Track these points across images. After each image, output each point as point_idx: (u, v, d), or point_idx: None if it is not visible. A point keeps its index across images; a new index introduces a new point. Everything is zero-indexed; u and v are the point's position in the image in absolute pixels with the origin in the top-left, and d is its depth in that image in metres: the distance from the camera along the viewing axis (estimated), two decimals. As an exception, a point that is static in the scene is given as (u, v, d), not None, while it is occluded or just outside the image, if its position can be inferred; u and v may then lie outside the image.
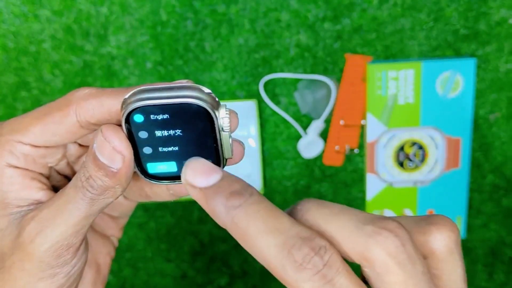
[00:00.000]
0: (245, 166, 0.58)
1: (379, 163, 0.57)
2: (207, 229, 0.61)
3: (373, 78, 0.54)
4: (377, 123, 0.55)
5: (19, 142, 0.26)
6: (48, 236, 0.25)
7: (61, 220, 0.25)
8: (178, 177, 0.25)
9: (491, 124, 0.57)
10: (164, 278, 0.63)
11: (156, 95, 0.23)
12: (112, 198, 0.25)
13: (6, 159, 0.26)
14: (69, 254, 0.26)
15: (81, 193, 0.24)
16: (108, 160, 0.24)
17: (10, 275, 0.26)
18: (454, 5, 0.53)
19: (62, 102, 0.26)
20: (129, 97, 0.23)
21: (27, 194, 0.26)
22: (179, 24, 0.54)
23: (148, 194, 0.28)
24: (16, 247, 0.25)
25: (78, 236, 0.26)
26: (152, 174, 0.25)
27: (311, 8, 0.53)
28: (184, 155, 0.24)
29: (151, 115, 0.23)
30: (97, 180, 0.24)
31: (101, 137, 0.24)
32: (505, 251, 0.61)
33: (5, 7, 0.53)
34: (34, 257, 0.25)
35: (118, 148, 0.24)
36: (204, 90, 0.23)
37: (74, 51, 0.54)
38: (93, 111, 0.25)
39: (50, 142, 0.26)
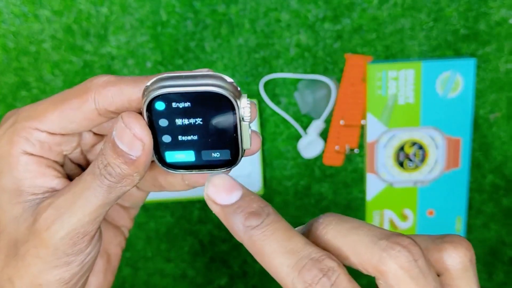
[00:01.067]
0: (245, 166, 0.58)
1: (379, 163, 0.57)
2: (207, 229, 0.61)
3: (373, 78, 0.54)
4: (377, 123, 0.55)
5: (36, 129, 0.26)
6: (64, 223, 0.25)
7: (78, 207, 0.25)
8: (195, 166, 0.25)
9: (491, 124, 0.57)
10: (164, 278, 0.63)
11: (178, 83, 0.23)
12: (130, 186, 0.25)
13: (22, 146, 0.26)
14: (84, 242, 0.25)
15: (99, 181, 0.24)
16: (128, 147, 0.23)
17: (24, 262, 0.25)
18: (454, 5, 0.53)
19: (81, 89, 0.25)
20: (151, 84, 0.23)
21: (42, 182, 0.26)
22: (179, 24, 0.54)
23: (162, 184, 0.28)
24: (31, 234, 0.25)
25: (94, 224, 0.25)
26: (170, 163, 0.25)
27: (311, 8, 0.53)
28: (203, 145, 0.24)
29: (172, 102, 0.23)
30: (116, 168, 0.24)
31: (122, 123, 0.23)
32: (505, 251, 0.61)
33: (5, 7, 0.53)
34: (50, 244, 0.25)
35: (139, 135, 0.23)
36: (227, 79, 0.23)
37: (74, 51, 0.54)
38: (112, 98, 0.25)
39: (67, 129, 0.26)
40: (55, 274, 0.25)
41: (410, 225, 0.59)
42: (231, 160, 0.25)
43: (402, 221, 0.59)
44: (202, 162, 0.25)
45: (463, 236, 0.60)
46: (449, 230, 0.59)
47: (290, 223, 0.66)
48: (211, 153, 0.25)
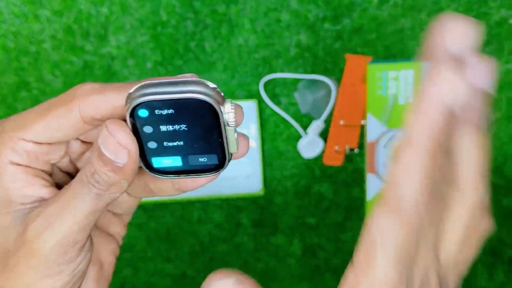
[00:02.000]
0: (245, 166, 0.58)
1: (379, 163, 0.57)
2: (207, 229, 0.61)
3: (373, 78, 0.54)
4: (377, 123, 0.55)
5: (22, 139, 0.26)
6: (54, 232, 0.25)
7: (67, 216, 0.25)
8: (183, 171, 0.25)
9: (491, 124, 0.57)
10: (164, 278, 0.63)
11: (161, 90, 0.23)
12: (118, 193, 0.25)
13: (9, 157, 0.26)
14: (74, 251, 0.25)
15: (87, 189, 0.24)
16: (114, 155, 0.24)
17: (15, 273, 0.25)
18: (454, 5, 0.53)
19: (65, 98, 0.25)
20: (134, 92, 0.23)
21: (30, 191, 0.26)
22: (179, 24, 0.54)
23: (152, 189, 0.28)
24: (21, 244, 0.25)
25: (84, 233, 0.25)
26: (157, 168, 0.25)
27: (311, 8, 0.53)
28: (189, 150, 0.24)
29: (155, 110, 0.23)
30: (103, 176, 0.24)
31: (106, 131, 0.24)
32: (505, 251, 0.61)
33: (5, 7, 0.53)
34: (40, 254, 0.25)
35: (123, 142, 0.23)
36: (209, 85, 0.23)
37: (74, 51, 0.54)
38: (97, 106, 0.25)
39: (53, 138, 0.26)
40: (47, 284, 0.25)
41: (410, 225, 0.59)
42: (218, 165, 0.25)
43: (402, 221, 0.59)
44: (190, 167, 0.25)
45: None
46: (449, 230, 0.59)
47: (290, 223, 0.66)
48: (198, 158, 0.25)
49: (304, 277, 0.63)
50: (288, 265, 0.63)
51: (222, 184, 0.58)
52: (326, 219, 0.61)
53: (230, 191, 0.58)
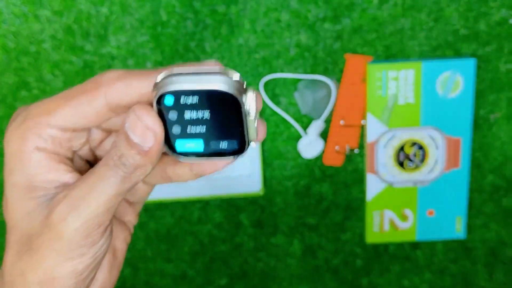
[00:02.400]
0: (245, 166, 0.58)
1: (379, 163, 0.57)
2: (207, 229, 0.61)
3: (373, 78, 0.54)
4: (377, 123, 0.55)
5: (48, 125, 0.26)
6: (79, 214, 0.25)
7: (92, 198, 0.25)
8: (204, 154, 0.26)
9: (491, 124, 0.57)
10: (164, 278, 0.63)
11: (186, 80, 0.24)
12: (143, 175, 0.26)
13: (34, 142, 0.26)
14: (98, 234, 0.26)
15: (113, 171, 0.25)
16: (141, 139, 0.24)
17: (38, 256, 0.26)
18: (454, 5, 0.53)
19: (91, 85, 0.26)
20: (161, 80, 0.24)
21: (54, 177, 0.27)
22: (179, 24, 0.54)
23: (170, 176, 0.29)
24: (46, 227, 0.26)
25: (108, 215, 0.26)
26: (180, 152, 0.26)
27: (311, 8, 0.53)
28: (211, 135, 0.26)
29: (181, 98, 0.24)
30: (129, 159, 0.25)
31: (134, 116, 0.24)
32: (505, 251, 0.61)
33: (5, 7, 0.53)
34: (64, 236, 0.25)
35: (151, 126, 0.24)
36: (233, 77, 0.24)
37: (74, 51, 0.54)
38: (122, 93, 0.25)
39: (78, 124, 0.26)
40: (69, 266, 0.26)
41: (410, 225, 0.59)
42: (238, 150, 0.26)
43: (402, 221, 0.59)
44: (211, 151, 0.26)
45: (463, 236, 0.60)
46: (449, 230, 0.59)
47: (290, 223, 0.66)
48: (219, 143, 0.26)
49: (304, 277, 0.63)
50: (288, 265, 0.63)
51: (222, 184, 0.58)
52: (326, 219, 0.61)
53: (230, 191, 0.58)
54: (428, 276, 0.63)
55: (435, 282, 0.63)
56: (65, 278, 0.26)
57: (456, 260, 0.62)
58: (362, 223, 0.61)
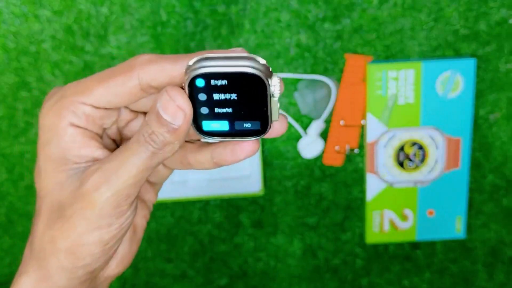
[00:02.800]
0: (245, 166, 0.58)
1: (379, 163, 0.57)
2: (207, 229, 0.61)
3: (373, 78, 0.54)
4: (377, 123, 0.55)
5: (82, 103, 0.28)
6: (112, 185, 0.27)
7: (124, 170, 0.27)
8: (228, 134, 0.28)
9: (491, 124, 0.57)
10: (164, 278, 0.63)
11: (217, 64, 0.26)
12: (170, 153, 0.27)
13: (69, 119, 0.28)
14: (126, 205, 0.28)
15: (144, 147, 0.27)
16: (171, 117, 0.26)
17: (69, 223, 0.28)
18: (454, 5, 0.53)
19: (125, 67, 0.28)
20: (194, 64, 0.26)
21: (86, 152, 0.29)
22: (179, 24, 0.54)
23: (190, 162, 0.31)
24: (78, 197, 0.28)
25: (136, 188, 0.28)
26: (206, 131, 0.28)
27: (311, 8, 0.53)
28: (236, 116, 0.27)
29: (211, 80, 0.26)
30: (159, 136, 0.26)
31: (167, 96, 0.26)
32: (505, 251, 0.61)
33: (5, 7, 0.53)
34: (96, 205, 0.27)
35: (182, 106, 0.26)
36: (260, 61, 0.26)
37: (74, 51, 0.54)
38: (154, 75, 0.27)
39: (111, 103, 0.28)
40: (97, 235, 0.28)
41: (410, 225, 0.59)
42: (260, 130, 0.28)
43: (402, 221, 0.59)
44: (235, 131, 0.28)
45: (463, 236, 0.60)
46: (449, 230, 0.59)
47: (291, 223, 0.66)
48: (243, 124, 0.28)
49: (304, 277, 0.63)
50: (288, 265, 0.63)
51: (222, 184, 0.58)
52: (326, 219, 0.61)
53: (230, 191, 0.58)
54: (428, 276, 0.63)
55: (435, 282, 0.63)
56: (92, 245, 0.28)
57: (456, 260, 0.62)
58: (362, 223, 0.61)
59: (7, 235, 0.61)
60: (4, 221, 0.60)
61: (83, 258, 0.28)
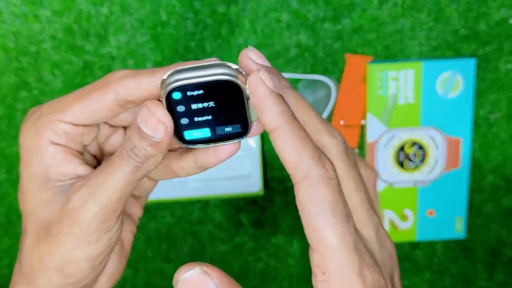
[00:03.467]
0: (245, 166, 0.58)
1: (379, 163, 0.57)
2: (207, 229, 0.61)
3: (373, 78, 0.54)
4: (377, 123, 0.55)
5: (61, 121, 0.28)
6: (97, 200, 0.27)
7: (109, 185, 0.27)
8: (211, 140, 0.29)
9: (491, 124, 0.57)
10: (164, 279, 0.63)
11: (191, 75, 0.26)
12: (154, 165, 0.28)
13: (49, 137, 0.28)
14: (113, 219, 0.28)
15: (127, 161, 0.27)
16: (152, 131, 0.26)
17: (57, 240, 0.28)
18: (454, 5, 0.53)
19: (101, 83, 0.28)
20: (168, 78, 0.26)
21: (68, 169, 0.29)
22: (179, 24, 0.54)
23: (174, 169, 0.31)
24: (64, 214, 0.28)
25: (122, 202, 0.28)
26: (189, 140, 0.28)
27: (311, 8, 0.53)
28: (217, 122, 0.28)
29: (188, 92, 0.26)
30: (142, 150, 0.27)
31: (146, 110, 0.26)
32: (505, 251, 0.61)
33: (5, 7, 0.53)
34: (83, 221, 0.27)
35: (162, 119, 0.26)
36: (232, 67, 0.26)
37: (74, 51, 0.54)
38: (131, 89, 0.27)
39: (89, 120, 0.29)
40: (86, 251, 0.28)
41: (410, 225, 0.59)
42: (241, 132, 0.28)
43: (402, 221, 0.59)
44: (217, 136, 0.28)
45: (463, 236, 0.60)
46: (449, 230, 0.59)
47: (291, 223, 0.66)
48: (224, 128, 0.28)
49: (304, 277, 0.63)
50: (288, 265, 0.63)
51: (222, 184, 0.58)
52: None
53: (230, 191, 0.58)
54: (428, 276, 0.63)
55: (435, 282, 0.63)
56: (81, 262, 0.28)
57: (456, 260, 0.62)
58: (362, 223, 0.61)
59: (7, 236, 0.61)
60: (3, 222, 0.60)
61: (73, 275, 0.28)
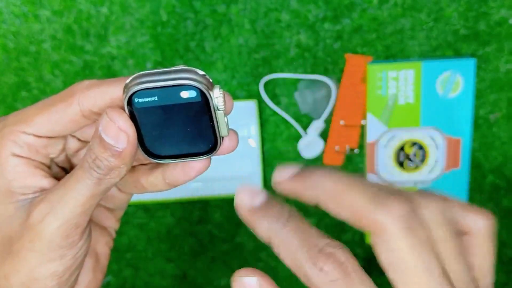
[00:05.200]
0: (245, 166, 0.58)
1: (379, 163, 0.57)
2: (207, 229, 0.61)
3: (373, 78, 0.54)
4: (377, 123, 0.55)
5: (23, 132, 0.27)
6: (58, 214, 0.26)
7: (69, 199, 0.26)
8: (178, 155, 0.27)
9: (491, 124, 0.57)
10: (164, 279, 0.63)
11: (154, 79, 0.24)
12: (118, 178, 0.26)
13: (10, 149, 0.27)
14: (76, 234, 0.27)
15: (89, 173, 0.26)
16: (114, 140, 0.25)
17: (19, 258, 0.27)
18: (454, 5, 0.53)
19: (65, 94, 0.27)
20: (130, 82, 0.25)
21: (31, 182, 0.27)
22: (179, 24, 0.54)
23: (143, 185, 0.29)
24: (25, 229, 0.26)
25: (85, 216, 0.27)
26: (154, 154, 0.27)
27: (311, 8, 0.53)
28: (183, 135, 0.26)
29: (150, 98, 0.25)
30: (104, 161, 0.25)
31: (107, 118, 0.25)
32: (505, 251, 0.61)
33: (5, 7, 0.53)
34: (44, 237, 0.26)
35: (123, 127, 0.25)
36: (199, 72, 0.25)
37: (74, 51, 0.54)
38: (95, 99, 0.26)
39: (53, 132, 0.27)
40: (50, 268, 0.27)
41: (410, 225, 0.59)
42: (211, 148, 0.26)
43: (402, 221, 0.59)
44: (185, 151, 0.26)
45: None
46: (449, 230, 0.59)
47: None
48: (191, 143, 0.26)
49: (304, 277, 0.63)
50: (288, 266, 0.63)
51: (222, 184, 0.58)
52: (326, 219, 0.61)
53: (230, 191, 0.58)
54: (428, 276, 0.63)
55: (435, 282, 0.63)
56: (46, 279, 0.27)
57: (456, 260, 0.62)
58: (362, 223, 0.61)
59: None
60: None
61: None
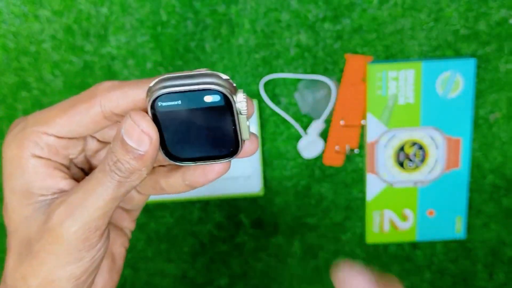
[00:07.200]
0: (245, 166, 0.58)
1: (379, 163, 0.57)
2: (207, 229, 0.61)
3: (373, 78, 0.54)
4: (377, 123, 0.55)
5: (44, 133, 0.27)
6: (77, 218, 0.26)
7: (89, 202, 0.26)
8: (199, 158, 0.26)
9: (491, 124, 0.57)
10: (164, 279, 0.63)
11: (179, 83, 0.24)
12: (138, 180, 0.26)
13: (31, 150, 0.27)
14: (95, 237, 0.27)
15: (109, 176, 0.25)
16: (136, 143, 0.25)
17: (38, 260, 0.26)
18: (454, 5, 0.53)
19: (87, 94, 0.27)
20: (154, 85, 0.25)
21: (51, 183, 0.27)
22: (179, 24, 0.54)
23: (162, 186, 0.29)
24: (45, 232, 0.26)
25: (104, 219, 0.26)
26: (176, 156, 0.27)
27: (311, 8, 0.53)
28: (205, 138, 0.26)
29: (174, 102, 0.25)
30: (125, 164, 0.25)
31: (130, 121, 0.25)
32: (505, 251, 0.61)
33: (5, 7, 0.53)
34: (63, 240, 0.26)
35: (146, 130, 0.25)
36: (222, 77, 0.25)
37: (74, 51, 0.54)
38: (117, 101, 0.26)
39: (74, 133, 0.27)
40: (68, 270, 0.27)
41: (410, 225, 0.59)
42: (232, 151, 0.26)
43: (402, 221, 0.59)
44: (206, 154, 0.26)
45: (463, 236, 0.60)
46: (449, 230, 0.59)
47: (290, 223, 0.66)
48: (213, 146, 0.26)
49: (304, 277, 0.63)
50: (288, 266, 0.63)
51: (222, 184, 0.58)
52: (326, 219, 0.61)
53: (230, 191, 0.58)
54: (428, 276, 0.63)
55: (435, 282, 0.63)
56: (64, 281, 0.27)
57: (456, 260, 0.62)
58: (362, 223, 0.61)
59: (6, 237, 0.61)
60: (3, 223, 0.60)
61: None
